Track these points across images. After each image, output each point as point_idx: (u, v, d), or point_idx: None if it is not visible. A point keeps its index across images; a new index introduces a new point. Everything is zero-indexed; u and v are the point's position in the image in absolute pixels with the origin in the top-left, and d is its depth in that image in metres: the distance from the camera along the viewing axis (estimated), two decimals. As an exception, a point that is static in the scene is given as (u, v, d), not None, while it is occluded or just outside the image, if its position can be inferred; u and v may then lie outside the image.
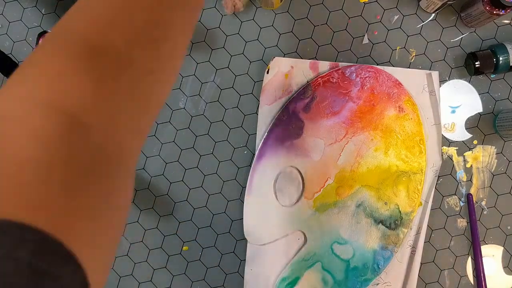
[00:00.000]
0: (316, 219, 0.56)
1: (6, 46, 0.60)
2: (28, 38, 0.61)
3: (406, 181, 0.56)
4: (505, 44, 0.56)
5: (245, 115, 0.59)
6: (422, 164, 0.56)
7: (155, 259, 0.59)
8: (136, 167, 0.60)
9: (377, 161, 0.56)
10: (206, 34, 0.60)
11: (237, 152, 0.59)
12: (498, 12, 0.53)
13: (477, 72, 0.56)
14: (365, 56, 0.59)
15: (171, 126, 0.60)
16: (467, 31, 0.59)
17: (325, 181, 0.56)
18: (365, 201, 0.56)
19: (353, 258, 0.56)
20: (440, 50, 0.59)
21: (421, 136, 0.56)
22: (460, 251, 0.58)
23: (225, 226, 0.59)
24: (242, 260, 0.58)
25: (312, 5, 0.60)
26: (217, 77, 0.60)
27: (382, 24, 0.59)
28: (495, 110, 0.58)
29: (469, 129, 0.59)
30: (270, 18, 0.60)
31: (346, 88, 0.57)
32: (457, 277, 0.58)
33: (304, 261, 0.56)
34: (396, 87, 0.56)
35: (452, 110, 0.59)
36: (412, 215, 0.56)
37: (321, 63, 0.58)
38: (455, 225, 0.58)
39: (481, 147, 0.58)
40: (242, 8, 0.57)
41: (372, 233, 0.56)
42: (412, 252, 0.56)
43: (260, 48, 0.60)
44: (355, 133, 0.56)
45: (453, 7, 0.59)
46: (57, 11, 0.61)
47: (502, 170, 0.58)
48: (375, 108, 0.56)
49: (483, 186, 0.58)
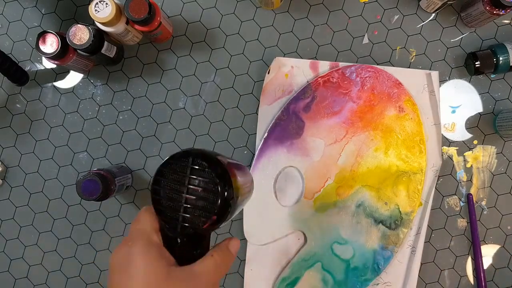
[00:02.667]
0: (316, 219, 0.56)
1: (6, 46, 0.60)
2: (28, 38, 0.61)
3: (406, 181, 0.56)
4: (505, 44, 0.56)
5: (245, 115, 0.59)
6: (422, 164, 0.56)
7: (155, 259, 0.59)
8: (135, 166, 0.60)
9: (377, 161, 0.56)
10: (206, 34, 0.60)
11: (237, 152, 0.59)
12: (498, 12, 0.53)
13: (477, 72, 0.56)
14: (365, 56, 0.59)
15: (171, 126, 0.60)
16: (467, 31, 0.59)
17: (325, 181, 0.56)
18: (365, 201, 0.56)
19: (353, 258, 0.56)
20: (440, 50, 0.59)
21: (421, 136, 0.56)
22: (460, 251, 0.58)
23: (224, 226, 0.59)
24: (242, 260, 0.58)
25: (312, 5, 0.60)
26: (217, 77, 0.60)
27: (382, 24, 0.59)
28: (495, 110, 0.58)
29: (469, 129, 0.59)
30: (270, 18, 0.60)
31: (346, 88, 0.57)
32: (457, 277, 0.58)
33: (304, 261, 0.56)
34: (396, 87, 0.56)
35: (452, 110, 0.59)
36: (412, 215, 0.56)
37: (321, 63, 0.58)
38: (455, 225, 0.58)
39: (481, 147, 0.58)
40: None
41: (372, 233, 0.56)
42: (412, 252, 0.56)
43: (260, 48, 0.60)
44: (355, 133, 0.56)
45: (453, 7, 0.59)
46: (57, 11, 0.61)
47: (502, 170, 0.58)
48: (375, 108, 0.56)
49: (483, 186, 0.58)
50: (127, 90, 0.60)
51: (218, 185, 0.29)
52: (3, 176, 0.60)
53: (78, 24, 0.51)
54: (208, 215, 0.29)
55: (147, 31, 0.53)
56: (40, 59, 0.61)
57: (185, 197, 0.29)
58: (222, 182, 0.29)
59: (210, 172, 0.29)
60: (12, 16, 0.61)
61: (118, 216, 0.60)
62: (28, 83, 0.60)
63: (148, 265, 0.28)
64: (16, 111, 0.60)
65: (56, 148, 0.60)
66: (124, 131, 0.60)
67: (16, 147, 0.60)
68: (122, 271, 0.28)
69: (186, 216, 0.29)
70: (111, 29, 0.52)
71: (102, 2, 0.50)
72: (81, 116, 0.60)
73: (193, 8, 0.60)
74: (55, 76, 0.60)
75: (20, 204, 0.60)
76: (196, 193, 0.29)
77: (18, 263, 0.60)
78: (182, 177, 0.29)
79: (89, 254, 0.59)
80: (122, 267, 0.28)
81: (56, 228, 0.60)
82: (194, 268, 0.29)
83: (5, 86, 0.60)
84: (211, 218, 0.29)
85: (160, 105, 0.60)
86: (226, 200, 0.29)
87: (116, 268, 0.29)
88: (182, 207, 0.29)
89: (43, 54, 0.51)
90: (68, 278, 0.60)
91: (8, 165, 0.60)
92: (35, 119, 0.60)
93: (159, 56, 0.60)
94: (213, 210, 0.29)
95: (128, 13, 0.51)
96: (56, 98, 0.60)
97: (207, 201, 0.29)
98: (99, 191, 0.50)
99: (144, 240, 0.29)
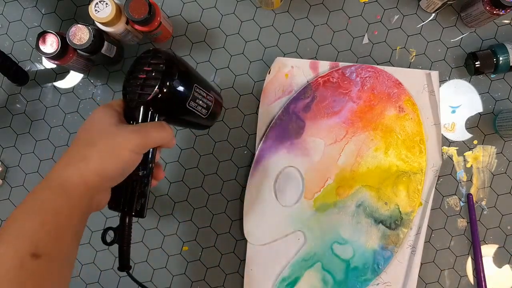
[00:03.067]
0: (316, 219, 0.56)
1: (6, 46, 0.60)
2: (28, 38, 0.61)
3: (406, 181, 0.56)
4: (505, 44, 0.56)
5: (245, 115, 0.59)
6: (422, 164, 0.56)
7: (155, 259, 0.59)
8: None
9: (377, 161, 0.56)
10: (206, 34, 0.60)
11: (237, 152, 0.59)
12: (498, 12, 0.53)
13: (477, 72, 0.56)
14: (365, 56, 0.59)
15: (171, 126, 0.59)
16: (467, 31, 0.59)
17: (325, 181, 0.56)
18: (365, 201, 0.56)
19: (353, 258, 0.56)
20: (440, 50, 0.59)
21: (421, 136, 0.56)
22: (460, 251, 0.58)
23: (225, 226, 0.59)
24: (242, 260, 0.58)
25: (312, 5, 0.60)
26: (217, 77, 0.60)
27: (382, 24, 0.59)
28: (495, 110, 0.59)
29: (469, 129, 0.59)
30: (270, 18, 0.60)
31: (346, 88, 0.57)
32: (457, 277, 0.58)
33: (304, 261, 0.56)
34: (396, 87, 0.56)
35: (452, 110, 0.59)
36: (412, 215, 0.56)
37: (321, 63, 0.58)
38: (455, 225, 0.58)
39: (481, 147, 0.58)
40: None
41: (372, 233, 0.56)
42: (412, 252, 0.56)
43: (260, 48, 0.60)
44: (355, 133, 0.56)
45: (453, 7, 0.59)
46: (57, 11, 0.61)
47: (502, 170, 0.58)
48: (375, 108, 0.56)
49: (483, 186, 0.58)
50: (127, 90, 0.60)
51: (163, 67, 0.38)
52: (3, 176, 0.60)
53: (78, 24, 0.51)
54: (153, 89, 0.38)
55: (147, 31, 0.53)
56: (40, 59, 0.61)
57: (142, 78, 0.39)
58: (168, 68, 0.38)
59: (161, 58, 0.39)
60: (12, 16, 0.61)
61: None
62: (28, 83, 0.60)
63: (103, 117, 0.38)
64: (16, 111, 0.60)
65: (56, 148, 0.60)
66: (124, 131, 0.60)
67: (16, 147, 0.60)
68: (87, 121, 0.39)
69: (140, 93, 0.39)
70: (111, 29, 0.52)
71: (102, 2, 0.50)
72: (81, 116, 0.60)
73: (193, 8, 0.60)
74: (55, 76, 0.60)
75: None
76: (149, 75, 0.38)
77: (18, 263, 0.60)
78: (143, 65, 0.39)
79: (89, 254, 0.59)
80: (88, 119, 0.39)
81: (56, 228, 0.60)
82: (140, 124, 0.39)
83: (5, 86, 0.60)
84: (154, 92, 0.38)
85: (160, 105, 0.60)
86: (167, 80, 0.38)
87: (85, 121, 0.39)
88: (139, 87, 0.39)
89: (43, 54, 0.51)
90: (68, 278, 0.59)
91: (8, 165, 0.60)
92: (35, 119, 0.60)
93: (159, 56, 0.60)
94: (156, 85, 0.38)
95: (128, 13, 0.51)
96: (56, 98, 0.60)
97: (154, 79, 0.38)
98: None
99: (108, 107, 0.39)
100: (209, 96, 0.43)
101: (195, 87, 0.41)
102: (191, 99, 0.40)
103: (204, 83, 0.42)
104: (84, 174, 0.35)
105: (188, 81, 0.40)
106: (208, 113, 0.43)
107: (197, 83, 0.41)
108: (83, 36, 0.51)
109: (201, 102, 0.42)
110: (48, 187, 0.35)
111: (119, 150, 0.36)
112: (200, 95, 0.41)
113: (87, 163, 0.35)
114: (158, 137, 0.38)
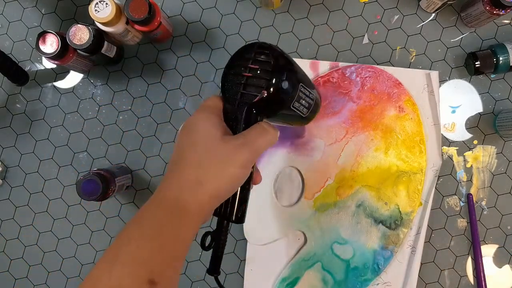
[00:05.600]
0: (316, 219, 0.56)
1: (6, 46, 0.60)
2: (28, 38, 0.61)
3: (406, 181, 0.56)
4: (505, 44, 0.56)
5: (245, 115, 0.59)
6: (422, 164, 0.56)
7: (155, 259, 0.59)
8: (135, 166, 0.60)
9: (377, 161, 0.56)
10: (206, 34, 0.60)
11: (237, 152, 0.59)
12: (498, 12, 0.53)
13: (477, 72, 0.56)
14: (365, 56, 0.59)
15: (171, 126, 0.60)
16: (467, 31, 0.59)
17: (325, 181, 0.56)
18: (365, 201, 0.56)
19: (353, 258, 0.56)
20: (440, 50, 0.59)
21: (421, 136, 0.56)
22: (460, 251, 0.58)
23: (225, 226, 0.59)
24: (242, 260, 0.58)
25: (312, 5, 0.60)
26: (217, 77, 0.60)
27: (382, 24, 0.59)
28: (495, 110, 0.58)
29: (469, 129, 0.59)
30: (270, 18, 0.60)
31: (346, 88, 0.57)
32: (457, 277, 0.58)
33: (304, 261, 0.56)
34: (396, 87, 0.56)
35: (452, 110, 0.59)
36: (412, 215, 0.56)
37: (321, 63, 0.58)
38: (455, 225, 0.58)
39: (481, 147, 0.58)
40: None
41: (372, 233, 0.56)
42: (412, 252, 0.56)
43: (260, 48, 0.60)
44: (355, 133, 0.56)
45: (453, 7, 0.59)
46: (57, 11, 0.61)
47: (502, 170, 0.58)
48: (375, 108, 0.56)
49: (483, 186, 0.58)
50: (127, 90, 0.60)
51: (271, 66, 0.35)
52: (3, 176, 0.60)
53: (78, 24, 0.51)
54: (260, 90, 0.35)
55: (147, 31, 0.53)
56: (40, 59, 0.61)
57: (246, 77, 0.35)
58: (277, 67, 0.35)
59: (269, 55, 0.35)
60: (12, 16, 0.61)
61: (118, 216, 0.60)
62: (28, 83, 0.60)
63: (207, 129, 0.35)
64: (16, 111, 0.60)
65: (56, 148, 0.60)
66: (124, 131, 0.60)
67: (16, 147, 0.60)
68: (187, 132, 0.36)
69: (243, 92, 0.36)
70: (111, 29, 0.52)
71: (102, 2, 0.50)
72: (81, 116, 0.60)
73: (193, 8, 0.60)
74: (55, 76, 0.60)
75: (20, 204, 0.60)
76: (254, 73, 0.35)
77: (18, 263, 0.60)
78: (246, 61, 0.36)
79: (89, 254, 0.59)
80: (188, 129, 0.36)
81: (56, 228, 0.60)
82: (244, 133, 0.36)
83: (5, 86, 0.60)
84: (262, 93, 0.35)
85: (160, 105, 0.60)
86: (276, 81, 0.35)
87: (184, 130, 0.36)
88: (242, 86, 0.36)
89: (43, 54, 0.51)
90: (68, 278, 0.60)
91: (8, 165, 0.60)
92: (35, 119, 0.60)
93: (159, 56, 0.60)
94: (265, 87, 0.35)
95: (128, 13, 0.51)
96: (56, 98, 0.60)
97: (261, 79, 0.35)
98: (99, 191, 0.50)
99: (208, 112, 0.37)
100: (311, 94, 0.40)
101: (300, 86, 0.38)
102: (296, 99, 0.37)
103: (307, 81, 0.39)
104: (200, 199, 0.34)
105: (295, 80, 0.37)
106: (308, 112, 0.40)
107: (302, 82, 0.38)
108: (83, 36, 0.51)
109: (303, 101, 0.39)
110: (164, 209, 0.33)
111: (230, 169, 0.34)
112: (304, 94, 0.38)
113: (202, 187, 0.34)
114: (265, 144, 0.37)
